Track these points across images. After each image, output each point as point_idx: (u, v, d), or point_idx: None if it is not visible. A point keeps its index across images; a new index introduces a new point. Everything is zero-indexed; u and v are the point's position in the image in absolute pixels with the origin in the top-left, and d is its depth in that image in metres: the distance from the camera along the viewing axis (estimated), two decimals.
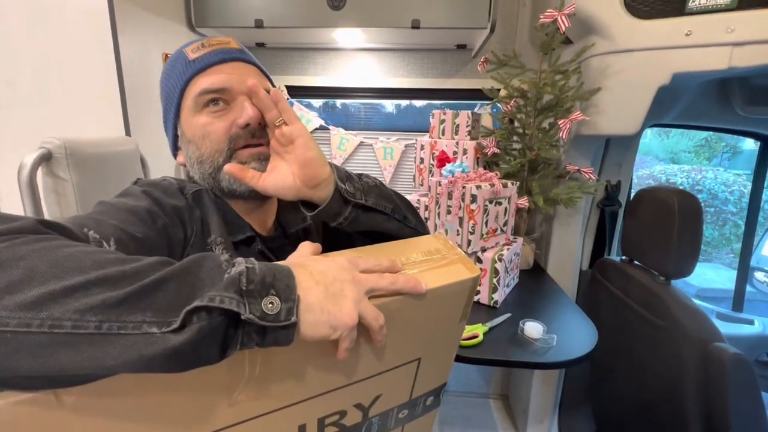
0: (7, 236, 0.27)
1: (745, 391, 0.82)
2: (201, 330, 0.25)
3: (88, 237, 0.36)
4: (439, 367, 0.48)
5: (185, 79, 0.51)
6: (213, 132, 0.50)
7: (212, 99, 0.51)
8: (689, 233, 0.95)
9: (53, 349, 0.23)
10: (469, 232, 0.98)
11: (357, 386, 0.40)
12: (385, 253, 0.42)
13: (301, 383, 0.36)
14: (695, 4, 0.97)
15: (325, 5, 1.21)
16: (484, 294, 1.01)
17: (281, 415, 0.37)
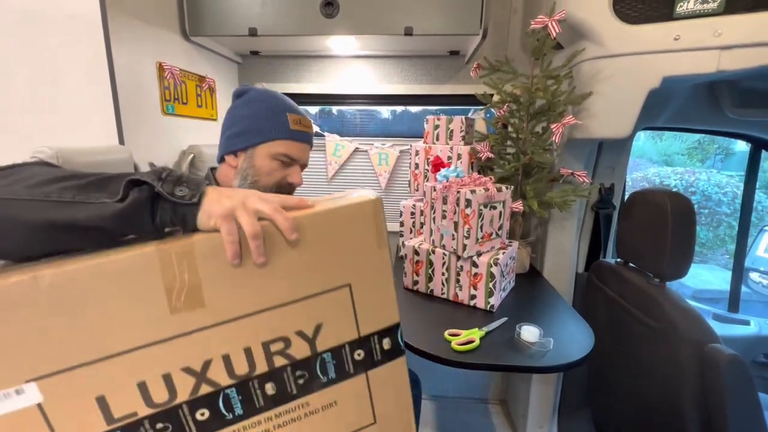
0: (21, 166, 0.44)
1: (741, 392, 0.82)
2: (134, 200, 0.39)
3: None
4: (378, 300, 0.50)
5: (279, 135, 0.79)
6: (273, 176, 0.80)
7: (286, 159, 0.81)
8: (683, 235, 0.95)
9: (45, 209, 0.38)
10: (464, 236, 0.98)
11: (289, 308, 0.45)
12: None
13: (231, 298, 0.42)
14: (683, 9, 0.98)
15: (318, 13, 1.22)
16: (480, 298, 1.01)
17: (222, 333, 0.42)
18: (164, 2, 1.20)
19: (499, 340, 0.88)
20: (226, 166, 0.83)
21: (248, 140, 0.80)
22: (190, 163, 1.24)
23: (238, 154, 0.81)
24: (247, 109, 0.80)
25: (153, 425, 0.42)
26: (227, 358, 0.43)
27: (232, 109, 0.84)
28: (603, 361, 1.23)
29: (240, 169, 0.80)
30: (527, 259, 1.34)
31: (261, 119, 0.79)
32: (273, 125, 0.79)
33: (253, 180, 0.79)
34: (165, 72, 1.17)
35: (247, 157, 0.80)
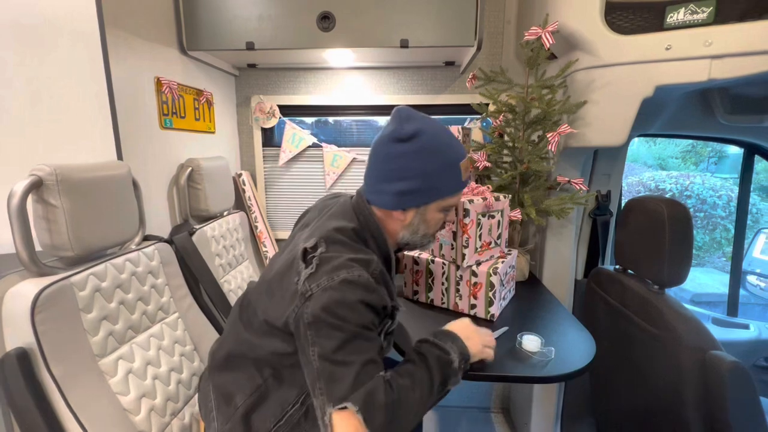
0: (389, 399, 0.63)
1: (744, 399, 0.82)
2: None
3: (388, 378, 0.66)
4: None
5: (454, 190, 0.77)
6: (439, 225, 0.81)
7: (450, 209, 0.81)
8: (680, 242, 0.96)
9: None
10: (463, 245, 0.98)
11: None
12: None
13: None
14: (673, 20, 1.00)
15: (315, 27, 1.24)
16: (480, 308, 1.01)
17: None
18: (162, 17, 1.21)
19: (500, 350, 0.88)
20: (392, 220, 0.79)
21: (423, 199, 0.75)
22: (188, 176, 1.24)
23: (408, 209, 0.76)
24: (421, 163, 0.72)
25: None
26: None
27: (402, 155, 0.73)
28: (605, 369, 1.23)
29: (410, 224, 0.78)
30: (526, 266, 1.34)
31: (439, 176, 0.74)
32: (448, 182, 0.75)
33: (422, 233, 0.79)
34: (163, 86, 1.18)
35: (419, 213, 0.77)
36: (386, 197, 0.76)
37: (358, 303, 0.64)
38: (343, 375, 0.61)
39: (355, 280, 0.65)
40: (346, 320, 0.63)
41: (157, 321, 0.98)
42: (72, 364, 0.74)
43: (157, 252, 1.03)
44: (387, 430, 0.61)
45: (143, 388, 0.85)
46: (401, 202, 0.75)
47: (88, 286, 0.79)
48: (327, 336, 0.62)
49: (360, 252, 0.71)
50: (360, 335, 0.63)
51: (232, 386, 0.77)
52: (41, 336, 0.69)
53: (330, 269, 0.66)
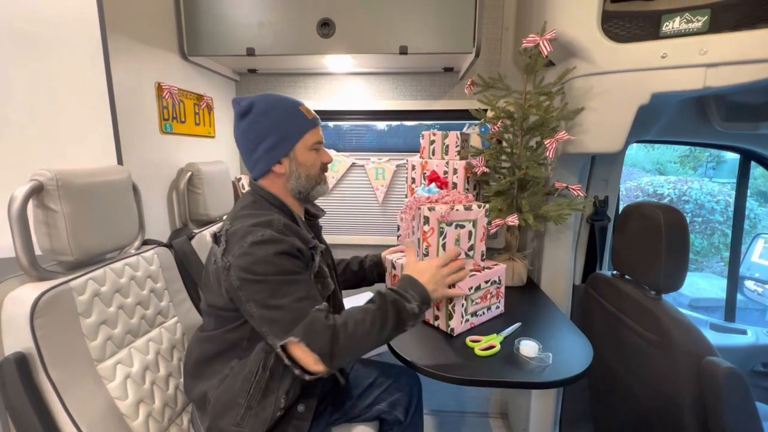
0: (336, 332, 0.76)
1: (740, 404, 0.83)
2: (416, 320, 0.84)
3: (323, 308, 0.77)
4: None
5: (307, 128, 0.89)
6: (317, 164, 0.92)
7: (316, 147, 0.91)
8: (676, 248, 0.96)
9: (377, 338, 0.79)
10: (423, 254, 0.95)
11: None
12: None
13: None
14: (669, 28, 1.01)
15: (315, 33, 1.25)
16: (441, 320, 0.99)
17: None
18: (163, 23, 1.22)
19: (498, 355, 0.88)
20: (275, 177, 0.89)
21: (287, 145, 0.87)
22: (188, 180, 1.25)
23: (282, 161, 0.88)
24: (268, 120, 0.86)
25: None
26: None
27: (250, 125, 0.87)
28: (603, 374, 1.23)
29: (289, 172, 0.89)
30: (524, 271, 1.35)
31: (287, 123, 0.87)
32: (298, 123, 0.88)
33: (305, 175, 0.89)
34: (164, 92, 1.19)
35: (291, 159, 0.88)
36: (261, 162, 0.87)
37: (271, 256, 0.75)
38: (280, 316, 0.74)
39: (261, 240, 0.76)
40: (267, 273, 0.74)
41: (156, 325, 0.98)
42: (70, 368, 0.74)
43: (156, 256, 1.03)
44: (332, 351, 0.74)
45: (141, 392, 0.85)
46: (272, 156, 0.87)
47: (87, 290, 0.80)
48: (256, 291, 0.75)
49: (261, 216, 0.82)
50: (284, 282, 0.75)
51: (204, 388, 0.86)
52: (40, 340, 0.69)
53: (238, 239, 0.77)
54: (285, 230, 0.81)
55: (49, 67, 0.96)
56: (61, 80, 0.97)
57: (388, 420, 1.07)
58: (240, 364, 0.84)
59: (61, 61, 0.97)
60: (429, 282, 0.86)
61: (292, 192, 0.91)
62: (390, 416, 1.06)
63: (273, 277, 0.74)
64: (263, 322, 0.75)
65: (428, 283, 0.86)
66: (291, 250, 0.78)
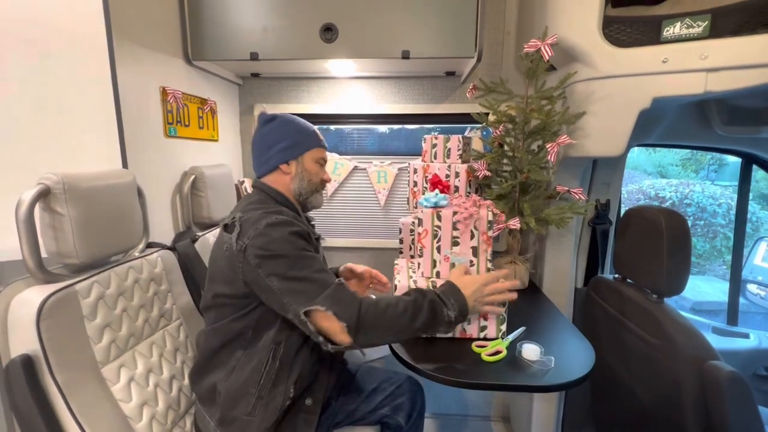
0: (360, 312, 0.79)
1: (742, 408, 0.83)
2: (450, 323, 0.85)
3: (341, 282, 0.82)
4: None
5: (317, 144, 1.00)
6: (318, 176, 1.01)
7: (321, 163, 1.02)
8: (678, 252, 0.97)
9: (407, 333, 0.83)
10: (488, 260, 0.97)
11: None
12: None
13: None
14: (670, 33, 1.02)
15: (318, 38, 1.26)
16: (491, 328, 0.96)
17: None
18: (168, 28, 1.23)
19: (501, 359, 0.88)
20: (280, 175, 0.98)
21: (299, 149, 0.97)
22: (192, 184, 1.26)
23: (290, 162, 0.97)
24: (287, 128, 0.97)
25: None
26: None
27: (272, 129, 0.97)
28: (604, 377, 1.23)
29: (295, 173, 0.97)
30: (526, 275, 1.35)
31: (302, 134, 0.98)
32: (311, 138, 0.99)
33: (308, 180, 0.98)
34: (168, 96, 1.20)
35: (299, 163, 0.97)
36: (272, 159, 0.96)
37: (288, 235, 0.80)
38: (302, 286, 0.77)
39: (276, 222, 0.81)
40: (285, 250, 0.79)
41: (160, 328, 0.99)
42: (75, 370, 0.74)
43: (160, 259, 1.04)
44: (359, 323, 0.77)
45: (145, 395, 0.86)
46: (284, 156, 0.96)
47: (92, 293, 0.81)
48: (275, 265, 0.78)
49: (272, 208, 0.88)
50: (302, 256, 0.80)
51: (213, 380, 0.88)
52: (46, 343, 0.70)
53: (252, 222, 0.81)
54: (294, 219, 0.87)
55: (55, 72, 0.97)
56: (67, 85, 0.98)
57: (389, 424, 1.08)
58: (246, 355, 0.87)
59: (68, 66, 0.98)
60: (471, 296, 0.86)
61: (293, 192, 0.99)
62: (392, 420, 1.07)
63: (292, 252, 0.79)
64: (285, 294, 0.78)
65: (470, 297, 0.85)
66: (303, 232, 0.84)
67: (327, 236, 1.80)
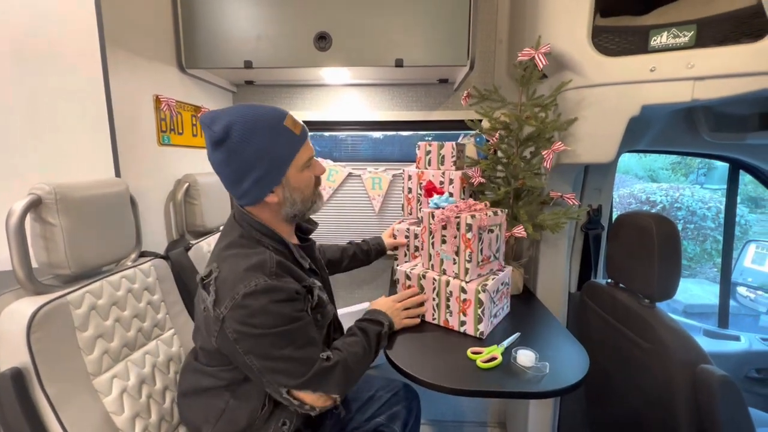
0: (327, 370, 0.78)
1: (734, 412, 0.84)
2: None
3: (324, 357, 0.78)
4: None
5: (296, 148, 0.79)
6: (311, 184, 0.85)
7: (310, 162, 0.83)
8: (669, 257, 0.98)
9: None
10: (466, 260, 0.99)
11: None
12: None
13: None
14: (657, 43, 1.04)
15: (312, 47, 1.27)
16: (470, 325, 1.01)
17: None
18: (161, 37, 1.23)
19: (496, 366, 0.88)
20: (268, 207, 0.82)
21: (279, 172, 0.78)
22: (186, 192, 1.25)
23: (275, 189, 0.80)
24: (252, 148, 0.74)
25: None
26: None
27: (230, 156, 0.75)
28: (599, 382, 1.24)
29: (283, 199, 0.81)
30: (521, 280, 1.36)
31: (274, 147, 0.76)
32: (286, 144, 0.77)
33: (300, 199, 0.83)
34: (161, 104, 1.20)
35: (284, 186, 0.80)
36: (250, 194, 0.79)
37: (268, 306, 0.70)
38: (283, 366, 0.73)
39: (254, 291, 0.70)
40: (265, 325, 0.71)
41: (153, 338, 0.98)
42: (66, 383, 0.73)
43: (153, 268, 1.03)
44: (344, 389, 0.80)
45: (138, 406, 0.85)
46: (263, 187, 0.78)
47: (84, 304, 0.79)
48: (255, 344, 0.71)
49: (252, 256, 0.75)
50: (284, 331, 0.72)
51: (196, 418, 0.85)
52: (36, 355, 0.69)
53: (229, 289, 0.71)
54: (279, 271, 0.75)
55: (48, 81, 0.97)
56: (60, 94, 0.98)
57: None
58: (235, 401, 0.83)
59: (60, 74, 0.97)
60: (388, 311, 1.02)
61: (285, 218, 0.85)
62: (388, 429, 1.06)
63: (272, 330, 0.71)
64: (264, 373, 0.74)
65: (388, 311, 1.02)
66: (286, 297, 0.73)
67: (322, 242, 1.79)
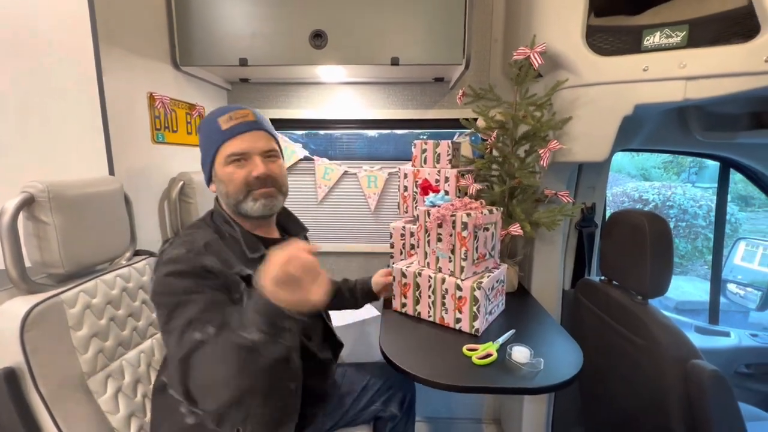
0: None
1: (724, 406, 0.85)
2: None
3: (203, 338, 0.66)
4: None
5: (219, 143, 0.82)
6: (236, 179, 0.82)
7: (235, 159, 0.82)
8: (661, 255, 0.99)
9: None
10: (461, 258, 1.00)
11: None
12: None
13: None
14: (650, 43, 1.05)
15: (307, 44, 1.26)
16: (465, 322, 1.01)
17: None
18: (156, 33, 1.22)
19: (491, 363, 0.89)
20: (217, 195, 0.90)
21: (206, 165, 0.86)
22: (180, 190, 1.24)
23: (213, 181, 0.88)
24: (200, 138, 0.88)
25: None
26: None
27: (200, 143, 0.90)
28: (592, 378, 1.25)
29: (218, 191, 0.87)
30: (515, 277, 1.37)
31: (206, 141, 0.86)
32: (213, 137, 0.84)
33: (225, 192, 0.84)
34: (156, 101, 1.19)
35: (216, 178, 0.86)
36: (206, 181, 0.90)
37: (166, 277, 0.71)
38: (170, 341, 0.69)
39: (165, 261, 0.73)
40: (163, 294, 0.71)
41: (148, 337, 0.97)
42: (61, 383, 0.73)
43: (148, 267, 1.02)
44: (189, 396, 0.66)
45: (133, 406, 0.84)
46: (206, 176, 0.89)
47: (78, 303, 0.79)
48: (158, 315, 0.72)
49: (190, 235, 0.79)
50: (178, 303, 0.69)
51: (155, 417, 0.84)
52: (30, 355, 0.68)
53: (158, 262, 0.76)
54: (202, 249, 0.74)
55: (40, 78, 0.96)
56: (52, 91, 0.97)
57: (383, 417, 1.09)
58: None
59: (53, 72, 0.96)
60: (265, 279, 0.62)
61: (227, 208, 0.86)
62: (385, 413, 1.08)
63: (167, 299, 0.70)
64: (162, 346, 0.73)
65: (264, 279, 0.62)
66: (189, 269, 0.71)
67: (317, 241, 1.80)
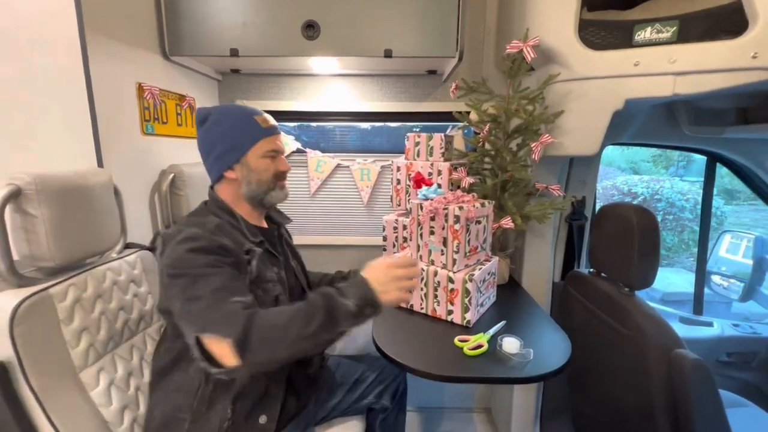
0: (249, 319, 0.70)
1: (705, 393, 0.88)
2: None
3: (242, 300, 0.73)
4: None
5: (258, 138, 0.90)
6: (269, 171, 0.92)
7: (272, 155, 0.92)
8: (648, 248, 1.02)
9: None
10: (453, 251, 1.01)
11: None
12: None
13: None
14: (641, 38, 1.06)
15: (300, 36, 1.25)
16: (457, 314, 1.03)
17: None
18: (144, 23, 1.19)
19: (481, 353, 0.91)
20: (227, 182, 0.92)
21: (238, 151, 0.89)
22: (171, 182, 1.23)
23: (233, 167, 0.90)
24: (221, 128, 0.89)
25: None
26: None
27: (205, 133, 0.91)
28: (580, 368, 1.29)
29: (241, 177, 0.90)
30: (507, 270, 1.39)
31: (239, 130, 0.89)
32: (251, 131, 0.90)
33: (256, 181, 0.91)
34: (145, 92, 1.17)
35: (243, 165, 0.90)
36: (213, 169, 0.92)
37: (188, 252, 0.75)
38: (195, 308, 0.71)
39: (182, 239, 0.76)
40: (185, 267, 0.74)
41: (140, 330, 0.97)
42: (52, 376, 0.72)
43: (139, 260, 1.01)
44: (245, 340, 0.68)
45: (125, 399, 0.84)
46: (222, 163, 0.90)
47: (68, 296, 0.78)
48: (175, 285, 0.74)
49: (197, 220, 0.84)
50: (201, 275, 0.73)
51: (160, 407, 0.85)
52: (20, 349, 0.68)
53: (169, 242, 0.78)
54: (216, 230, 0.81)
55: (25, 68, 0.93)
56: (38, 81, 0.94)
57: (375, 409, 1.12)
58: (183, 377, 0.84)
59: (38, 61, 0.94)
60: (377, 280, 0.76)
61: (245, 197, 0.92)
62: (378, 405, 1.11)
63: (190, 270, 0.73)
64: (182, 317, 0.74)
65: (376, 281, 0.76)
66: (210, 246, 0.77)
67: (310, 234, 1.79)
